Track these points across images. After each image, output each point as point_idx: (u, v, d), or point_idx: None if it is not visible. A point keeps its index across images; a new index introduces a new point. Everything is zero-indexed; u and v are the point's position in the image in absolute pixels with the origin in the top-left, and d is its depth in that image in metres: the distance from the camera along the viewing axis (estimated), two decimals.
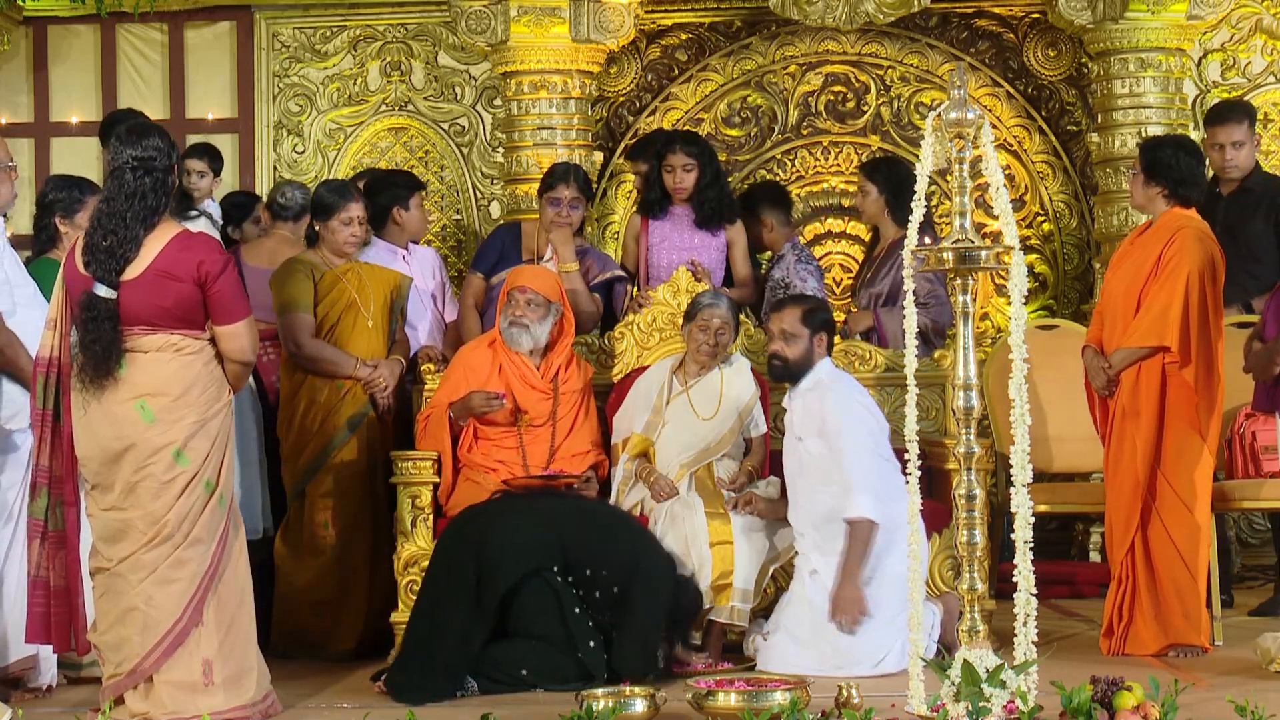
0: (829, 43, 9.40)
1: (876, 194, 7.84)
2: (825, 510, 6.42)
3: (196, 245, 5.54)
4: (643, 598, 6.16)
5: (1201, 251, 6.65)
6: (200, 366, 5.55)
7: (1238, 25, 9.20)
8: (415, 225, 7.82)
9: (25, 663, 6.04)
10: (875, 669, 6.20)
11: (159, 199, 5.52)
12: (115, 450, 5.47)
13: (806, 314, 6.56)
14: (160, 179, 5.53)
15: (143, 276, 5.46)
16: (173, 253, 5.48)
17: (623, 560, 6.21)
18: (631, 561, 6.21)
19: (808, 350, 6.53)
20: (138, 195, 5.48)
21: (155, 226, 5.50)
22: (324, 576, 7.05)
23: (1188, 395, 6.59)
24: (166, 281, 5.46)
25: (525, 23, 8.61)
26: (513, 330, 6.94)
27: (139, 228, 5.47)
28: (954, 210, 5.07)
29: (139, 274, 5.46)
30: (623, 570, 6.19)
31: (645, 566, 6.22)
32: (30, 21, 9.58)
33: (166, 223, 5.54)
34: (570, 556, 6.19)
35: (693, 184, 7.73)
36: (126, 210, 5.47)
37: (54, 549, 5.60)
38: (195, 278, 5.48)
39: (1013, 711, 4.87)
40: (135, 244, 5.46)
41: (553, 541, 6.19)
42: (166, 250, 5.48)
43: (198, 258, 5.49)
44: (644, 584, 6.18)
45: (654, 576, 6.22)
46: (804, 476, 6.48)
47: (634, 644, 6.13)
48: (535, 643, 6.14)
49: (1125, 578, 6.63)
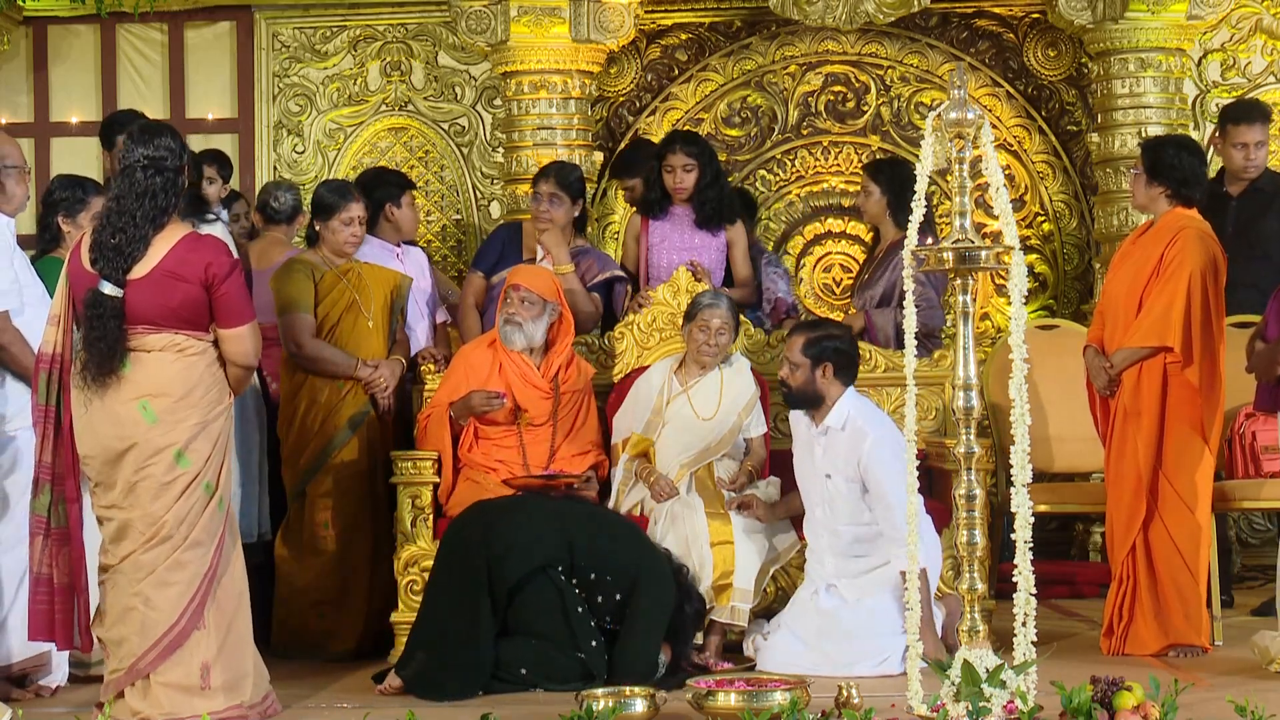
0: (829, 43, 9.40)
1: (879, 194, 7.82)
2: (849, 540, 6.43)
3: (205, 247, 5.54)
4: (646, 605, 6.16)
5: (1203, 251, 6.65)
6: (203, 368, 5.54)
7: (1238, 25, 9.20)
8: (408, 223, 7.79)
9: (34, 660, 6.04)
10: (876, 670, 6.20)
11: (169, 199, 5.52)
12: (117, 450, 5.47)
13: (806, 344, 6.46)
14: (171, 179, 5.52)
15: (150, 276, 5.46)
16: (181, 253, 5.48)
17: (629, 568, 6.21)
18: (636, 570, 6.21)
19: (809, 379, 6.45)
20: (148, 194, 5.48)
21: (164, 226, 5.50)
22: (324, 576, 7.05)
23: (1189, 395, 6.59)
24: (173, 282, 5.46)
25: (525, 23, 8.61)
26: (507, 328, 6.95)
27: (148, 227, 5.47)
28: (954, 210, 5.07)
29: (146, 273, 5.46)
30: (628, 578, 6.19)
31: (650, 576, 6.22)
32: (30, 21, 9.58)
33: (175, 223, 5.55)
34: (577, 558, 6.19)
35: (693, 184, 7.72)
36: (136, 209, 5.47)
37: (57, 546, 5.59)
38: (202, 279, 5.48)
39: (1013, 711, 4.87)
40: (144, 243, 5.46)
41: (561, 540, 6.19)
42: (175, 251, 5.48)
43: (205, 259, 5.49)
44: (648, 592, 6.18)
45: (658, 586, 6.22)
46: (832, 513, 6.46)
47: (635, 650, 6.13)
48: (536, 641, 6.13)
49: (1126, 578, 6.63)
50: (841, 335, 6.56)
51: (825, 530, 6.48)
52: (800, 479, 6.62)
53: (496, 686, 6.06)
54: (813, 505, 6.53)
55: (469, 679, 6.01)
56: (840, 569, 6.46)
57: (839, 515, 6.45)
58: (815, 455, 6.51)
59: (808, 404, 6.50)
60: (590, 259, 7.61)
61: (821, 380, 6.46)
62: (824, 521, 6.48)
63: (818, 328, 6.65)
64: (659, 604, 6.19)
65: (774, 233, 9.45)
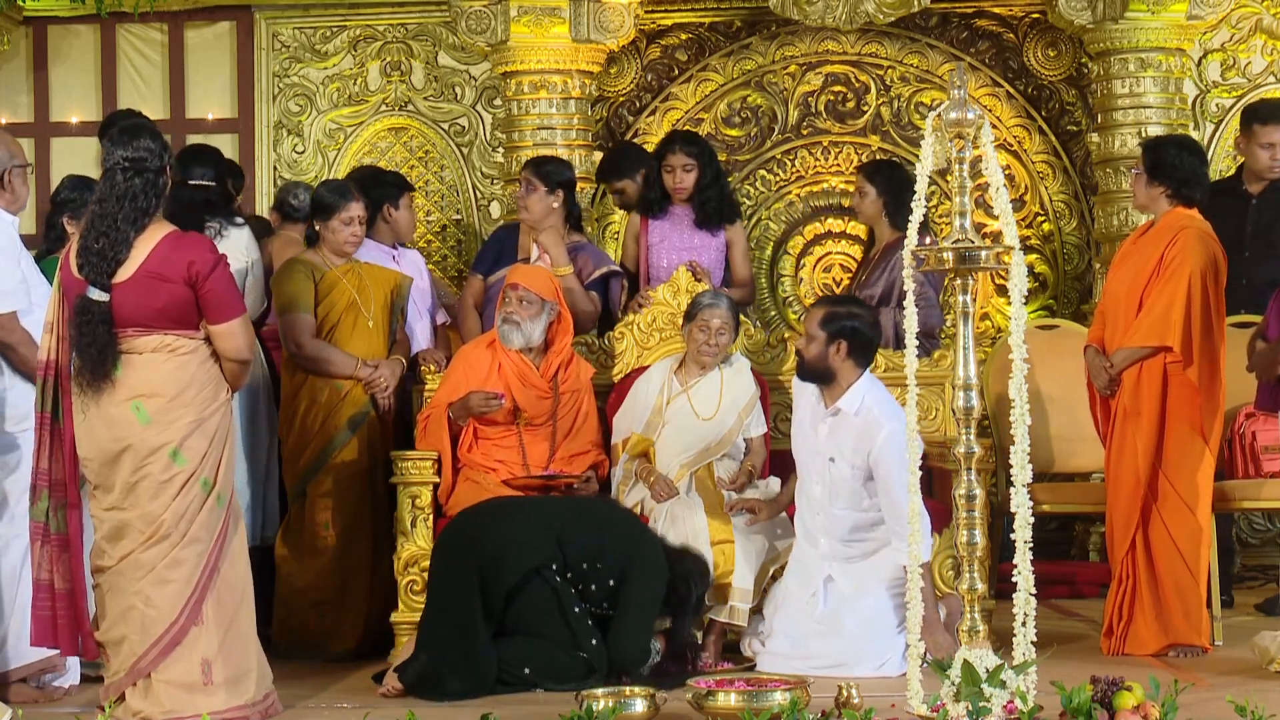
0: (829, 43, 9.40)
1: (875, 195, 7.81)
2: (848, 527, 6.42)
3: (186, 245, 5.52)
4: (637, 592, 6.16)
5: (1204, 251, 6.65)
6: (196, 366, 5.54)
7: (1238, 25, 9.19)
8: (405, 225, 7.77)
9: (48, 662, 6.03)
10: (876, 671, 6.20)
11: (149, 200, 5.50)
12: (113, 451, 5.47)
13: (825, 318, 6.41)
14: (151, 180, 5.51)
15: (134, 278, 5.45)
16: (162, 253, 5.47)
17: (619, 552, 6.21)
18: (628, 557, 6.21)
19: (822, 354, 6.39)
20: (128, 196, 5.47)
21: (146, 228, 5.48)
22: (324, 576, 7.06)
23: (1189, 395, 6.59)
24: (158, 282, 5.45)
25: (525, 23, 8.61)
26: (505, 327, 6.94)
27: (129, 229, 5.45)
28: (954, 210, 5.07)
29: (130, 276, 5.45)
30: (619, 562, 6.19)
31: (642, 558, 6.22)
32: (30, 21, 9.58)
33: (157, 223, 5.53)
34: (568, 553, 6.19)
35: (693, 184, 7.73)
36: (117, 212, 5.46)
37: (57, 552, 5.59)
38: (186, 278, 5.46)
39: (1013, 711, 4.87)
40: (126, 245, 5.44)
41: (551, 539, 6.19)
42: (156, 251, 5.47)
43: (188, 257, 5.47)
44: (640, 574, 6.18)
45: (650, 567, 6.21)
46: (831, 495, 6.44)
47: (625, 636, 6.13)
48: (537, 641, 6.13)
49: (1126, 577, 6.63)
50: (863, 316, 6.49)
51: (821, 510, 6.46)
52: (798, 452, 6.57)
53: (500, 688, 6.05)
54: (810, 482, 6.49)
55: (469, 679, 6.01)
56: (834, 551, 6.43)
57: (838, 499, 6.42)
58: (819, 434, 6.46)
59: (818, 379, 6.44)
60: (585, 255, 7.59)
61: (834, 357, 6.40)
62: (821, 502, 6.45)
63: (841, 304, 6.61)
64: (650, 590, 6.18)
65: (774, 233, 9.45)
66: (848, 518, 6.43)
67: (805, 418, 6.55)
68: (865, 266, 7.99)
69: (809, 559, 6.49)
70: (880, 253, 7.81)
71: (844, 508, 6.42)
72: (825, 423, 6.45)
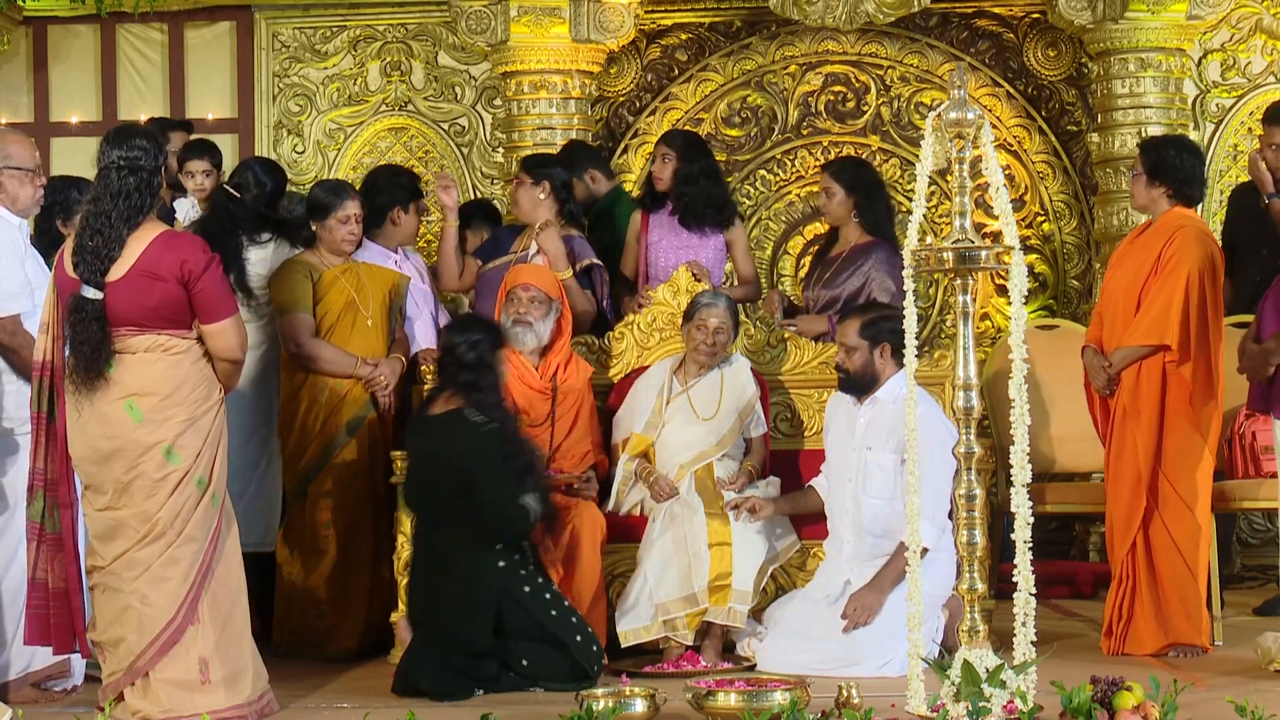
0: (829, 43, 9.40)
1: (844, 195, 7.60)
2: (878, 521, 6.42)
3: (179, 245, 5.54)
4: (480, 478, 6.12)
5: (1201, 250, 6.65)
6: (189, 365, 5.55)
7: (1238, 25, 9.20)
8: (409, 231, 7.71)
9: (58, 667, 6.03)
10: (877, 671, 6.20)
11: (143, 199, 5.52)
12: (106, 450, 5.48)
13: (864, 326, 6.49)
14: (145, 179, 5.53)
15: (127, 277, 5.46)
16: (155, 252, 5.48)
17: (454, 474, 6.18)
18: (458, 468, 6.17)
19: (868, 361, 6.48)
20: (122, 195, 5.49)
21: (139, 226, 5.50)
22: (325, 576, 7.06)
23: (1188, 394, 6.60)
24: (150, 281, 5.47)
25: (525, 23, 8.61)
26: (517, 329, 6.90)
27: (123, 227, 5.48)
28: (954, 210, 5.08)
29: (123, 274, 5.47)
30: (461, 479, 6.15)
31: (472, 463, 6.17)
32: (30, 21, 9.59)
33: (151, 222, 5.55)
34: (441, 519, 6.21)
35: (670, 176, 7.62)
36: (111, 210, 5.48)
37: (52, 551, 5.60)
38: (178, 277, 5.48)
39: (1013, 711, 4.87)
40: (119, 244, 5.46)
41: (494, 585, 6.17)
42: (149, 250, 5.48)
43: (180, 257, 5.49)
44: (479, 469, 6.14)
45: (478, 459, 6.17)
46: (864, 486, 6.46)
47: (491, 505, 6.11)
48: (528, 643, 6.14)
49: (1126, 577, 6.63)
50: (894, 315, 6.50)
51: (851, 507, 6.47)
52: (832, 454, 6.61)
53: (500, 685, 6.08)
54: (843, 480, 6.52)
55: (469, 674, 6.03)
56: (858, 551, 6.44)
57: (870, 488, 6.44)
58: (857, 429, 6.52)
59: (864, 389, 6.51)
60: (569, 246, 7.50)
61: (880, 361, 6.48)
62: (852, 497, 6.47)
63: (869, 310, 6.66)
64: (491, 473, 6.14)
65: (774, 233, 9.46)
66: (878, 508, 6.43)
67: (840, 420, 6.61)
68: (825, 265, 7.70)
69: (831, 565, 6.52)
70: (847, 254, 7.58)
71: (875, 495, 6.44)
72: (864, 415, 6.52)
